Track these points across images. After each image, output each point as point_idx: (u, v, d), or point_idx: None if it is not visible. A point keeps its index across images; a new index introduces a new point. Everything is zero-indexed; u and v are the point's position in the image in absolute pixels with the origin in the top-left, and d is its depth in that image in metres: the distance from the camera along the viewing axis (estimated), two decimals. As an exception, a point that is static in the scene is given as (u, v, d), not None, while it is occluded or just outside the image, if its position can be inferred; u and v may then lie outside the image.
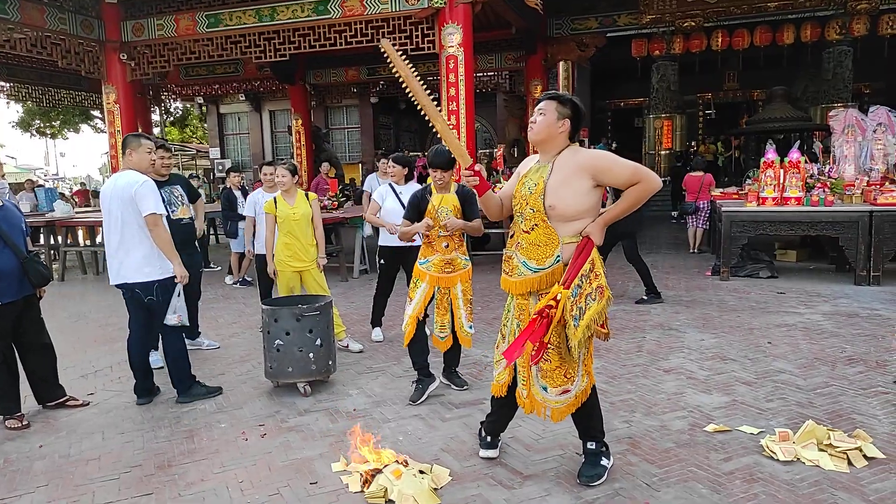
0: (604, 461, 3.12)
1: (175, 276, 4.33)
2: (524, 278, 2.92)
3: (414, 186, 5.53)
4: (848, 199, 7.68)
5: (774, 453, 3.23)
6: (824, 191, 7.68)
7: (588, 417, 3.09)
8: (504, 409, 3.23)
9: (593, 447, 3.12)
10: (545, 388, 2.95)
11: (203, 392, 4.44)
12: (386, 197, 5.53)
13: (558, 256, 2.85)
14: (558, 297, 2.75)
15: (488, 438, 3.38)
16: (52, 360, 4.36)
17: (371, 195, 8.69)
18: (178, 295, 4.36)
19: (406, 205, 4.35)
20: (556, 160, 2.90)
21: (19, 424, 4.04)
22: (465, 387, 4.39)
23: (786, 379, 4.37)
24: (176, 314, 4.30)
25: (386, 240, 5.50)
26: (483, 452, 3.37)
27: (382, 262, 5.64)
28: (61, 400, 4.36)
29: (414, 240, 4.53)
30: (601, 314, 2.83)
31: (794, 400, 3.99)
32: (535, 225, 2.89)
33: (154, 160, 4.66)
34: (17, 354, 4.22)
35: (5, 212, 4.06)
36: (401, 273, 5.65)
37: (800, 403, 3.94)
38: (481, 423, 3.48)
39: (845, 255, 7.50)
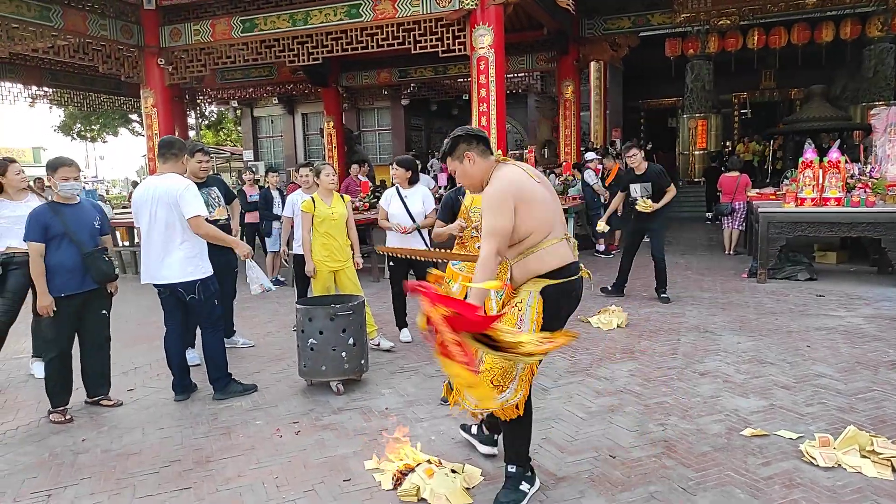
0: (524, 486, 2.96)
1: (213, 276, 4.49)
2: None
3: (420, 189, 5.57)
4: (890, 200, 7.47)
5: (814, 459, 3.16)
6: (865, 191, 7.48)
7: (511, 437, 2.99)
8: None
9: (513, 470, 2.99)
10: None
11: (239, 389, 4.52)
12: (391, 201, 5.54)
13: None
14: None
15: (495, 436, 3.37)
16: (103, 358, 4.49)
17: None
18: (251, 267, 4.62)
19: (440, 206, 4.37)
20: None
21: (62, 419, 4.17)
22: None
23: (826, 383, 4.27)
24: (257, 283, 4.58)
25: (393, 242, 5.52)
26: (485, 449, 3.38)
27: (391, 264, 5.69)
28: (97, 398, 4.48)
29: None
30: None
31: (835, 405, 3.90)
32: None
33: (206, 166, 5.27)
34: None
35: (77, 209, 4.26)
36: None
37: (841, 408, 3.84)
38: (482, 421, 3.40)
39: (888, 257, 7.29)
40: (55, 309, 4.12)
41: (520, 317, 2.82)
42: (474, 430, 3.49)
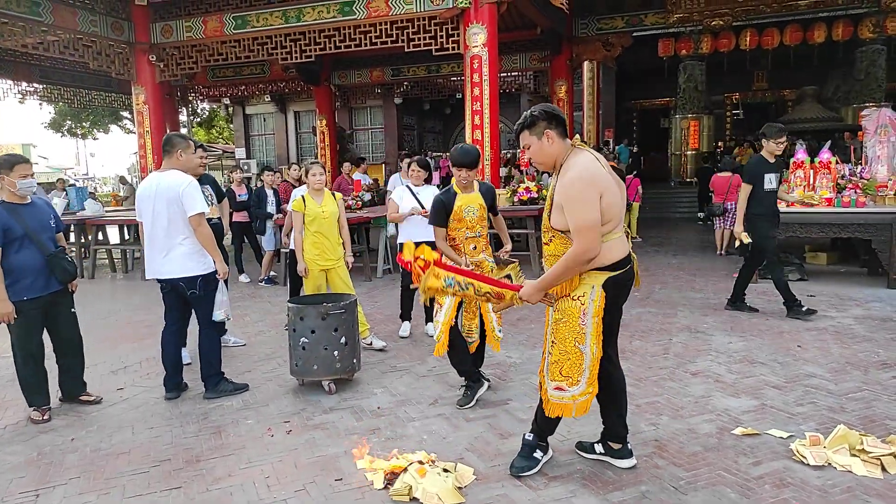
0: (538, 454, 3.20)
1: (216, 272, 4.48)
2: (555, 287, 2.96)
3: (430, 188, 5.78)
4: (881, 201, 7.51)
5: (805, 458, 3.17)
6: (856, 192, 7.52)
7: (543, 418, 3.13)
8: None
9: (529, 438, 3.21)
10: (548, 379, 3.04)
11: (230, 388, 4.50)
12: (404, 197, 5.74)
13: None
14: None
15: (629, 445, 3.24)
16: (79, 357, 4.44)
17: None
18: (222, 291, 4.53)
19: (432, 211, 4.28)
20: (559, 175, 2.89)
21: (41, 417, 4.12)
22: (489, 386, 4.37)
23: (816, 383, 4.29)
24: (222, 310, 4.49)
25: (406, 236, 5.59)
26: (626, 463, 3.19)
27: None
28: (77, 396, 4.43)
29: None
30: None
31: (825, 404, 3.92)
32: (552, 237, 2.94)
33: (203, 162, 5.24)
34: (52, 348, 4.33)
35: (33, 208, 4.14)
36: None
37: (831, 408, 3.86)
38: (604, 436, 3.27)
39: (878, 258, 7.34)
40: (20, 313, 4.00)
41: (583, 311, 2.88)
42: (599, 448, 3.28)
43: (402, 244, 3.73)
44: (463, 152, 4.11)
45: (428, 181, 5.78)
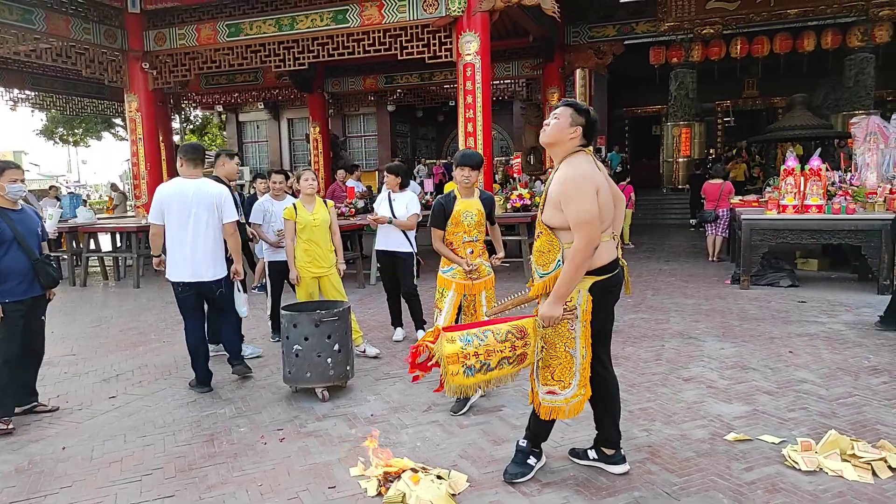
0: (531, 460, 3.20)
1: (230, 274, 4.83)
2: (537, 283, 3.00)
3: (407, 194, 5.97)
4: (870, 207, 7.58)
5: (796, 463, 3.19)
6: (846, 199, 7.59)
7: (536, 423, 3.16)
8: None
9: (523, 445, 3.22)
10: (539, 383, 3.08)
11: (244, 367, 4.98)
12: (381, 203, 6.01)
13: (559, 261, 2.89)
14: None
15: (622, 451, 3.26)
16: (37, 366, 4.41)
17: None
18: (240, 291, 4.96)
19: (432, 214, 4.33)
20: (556, 172, 2.95)
21: (5, 428, 4.05)
22: (482, 394, 4.38)
23: (808, 389, 4.31)
24: (245, 307, 5.05)
25: (380, 244, 5.91)
26: (618, 469, 3.21)
27: (379, 265, 6.15)
28: (30, 406, 4.37)
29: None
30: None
31: (817, 410, 3.94)
32: (540, 233, 2.98)
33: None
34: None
35: (23, 215, 4.22)
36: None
37: (822, 413, 3.88)
38: (597, 443, 3.30)
39: (868, 264, 7.40)
40: (3, 316, 4.02)
41: (570, 315, 2.92)
42: (592, 454, 3.28)
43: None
44: (467, 153, 4.24)
45: (405, 186, 5.98)
